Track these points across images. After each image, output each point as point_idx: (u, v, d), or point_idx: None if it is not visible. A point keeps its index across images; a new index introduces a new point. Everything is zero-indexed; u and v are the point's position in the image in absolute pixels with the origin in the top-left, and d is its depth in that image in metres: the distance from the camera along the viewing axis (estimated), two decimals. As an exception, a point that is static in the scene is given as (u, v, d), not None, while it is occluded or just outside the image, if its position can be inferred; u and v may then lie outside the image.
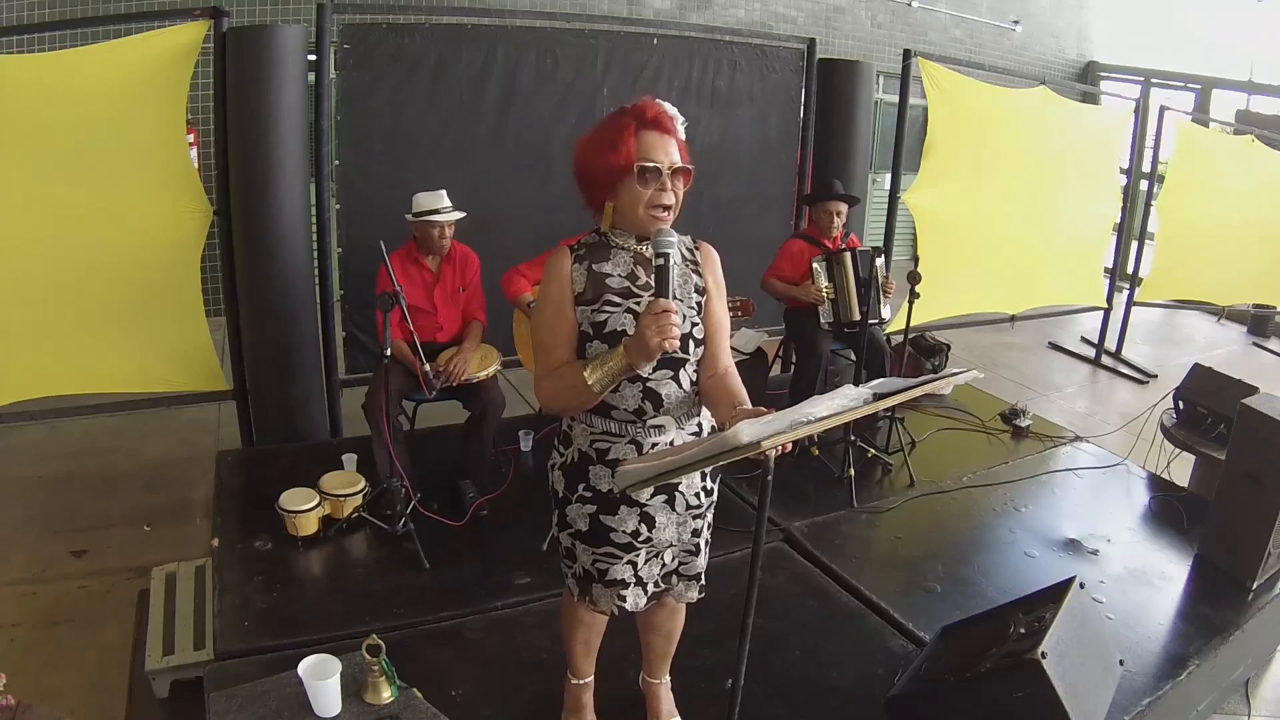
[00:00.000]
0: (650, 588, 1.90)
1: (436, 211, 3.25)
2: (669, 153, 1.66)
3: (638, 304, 1.70)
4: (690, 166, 1.69)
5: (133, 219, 3.45)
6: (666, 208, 1.66)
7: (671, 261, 1.58)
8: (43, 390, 3.58)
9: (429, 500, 3.17)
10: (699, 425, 1.81)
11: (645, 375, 1.69)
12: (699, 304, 1.77)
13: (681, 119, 1.73)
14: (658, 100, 1.71)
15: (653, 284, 1.68)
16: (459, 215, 3.31)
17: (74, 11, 5.56)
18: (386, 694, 1.85)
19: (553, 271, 1.75)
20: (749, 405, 1.63)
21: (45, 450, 4.18)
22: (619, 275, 1.73)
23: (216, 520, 3.05)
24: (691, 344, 1.73)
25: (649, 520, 1.79)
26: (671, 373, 1.72)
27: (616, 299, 1.71)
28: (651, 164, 1.64)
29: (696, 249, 1.83)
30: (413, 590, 2.73)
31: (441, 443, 3.59)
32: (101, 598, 3.07)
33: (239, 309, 3.78)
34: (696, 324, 1.75)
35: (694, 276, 1.78)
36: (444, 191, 3.31)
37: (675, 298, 1.70)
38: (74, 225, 3.37)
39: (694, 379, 1.76)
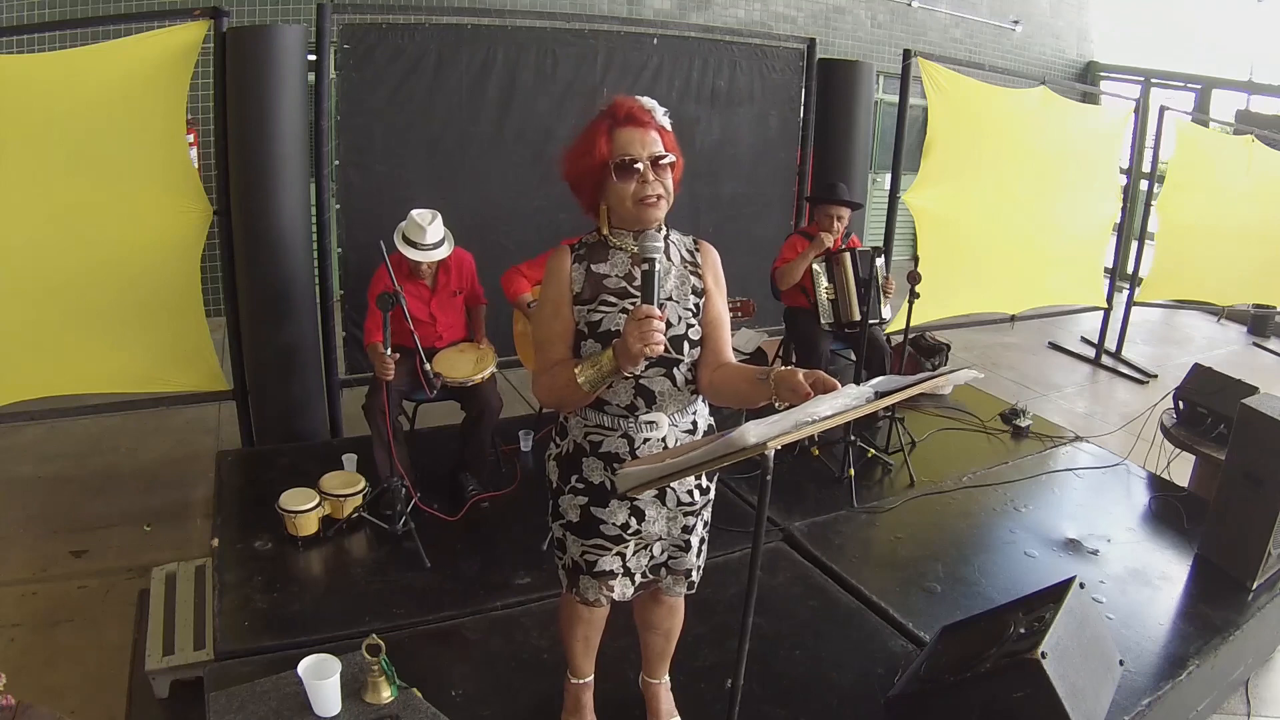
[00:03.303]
0: (638, 578, 1.91)
1: (416, 247, 3.17)
2: (646, 145, 1.66)
3: (633, 304, 1.70)
4: (672, 156, 1.68)
5: (133, 219, 3.46)
6: (657, 197, 1.67)
7: (657, 267, 1.58)
8: (43, 390, 3.58)
9: (429, 499, 3.17)
10: (693, 423, 1.82)
11: (638, 372, 1.69)
12: (696, 305, 1.77)
13: (662, 110, 1.73)
14: (634, 96, 1.72)
15: (673, 298, 1.71)
16: (439, 256, 3.22)
17: (74, 11, 5.56)
18: (386, 694, 1.85)
19: (553, 270, 1.76)
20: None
21: (45, 450, 4.18)
22: (616, 276, 1.74)
23: (216, 520, 3.05)
24: (686, 345, 1.74)
25: (638, 514, 1.81)
26: (665, 370, 1.72)
27: (612, 299, 1.72)
28: (627, 158, 1.65)
29: (697, 249, 1.83)
30: (413, 590, 2.73)
31: (441, 442, 3.58)
32: (101, 598, 3.06)
33: (239, 309, 3.78)
34: (692, 325, 1.75)
35: (692, 278, 1.78)
36: (438, 220, 3.20)
37: (671, 299, 1.72)
38: (74, 225, 3.37)
39: (689, 377, 1.76)
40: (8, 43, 4.21)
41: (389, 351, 2.89)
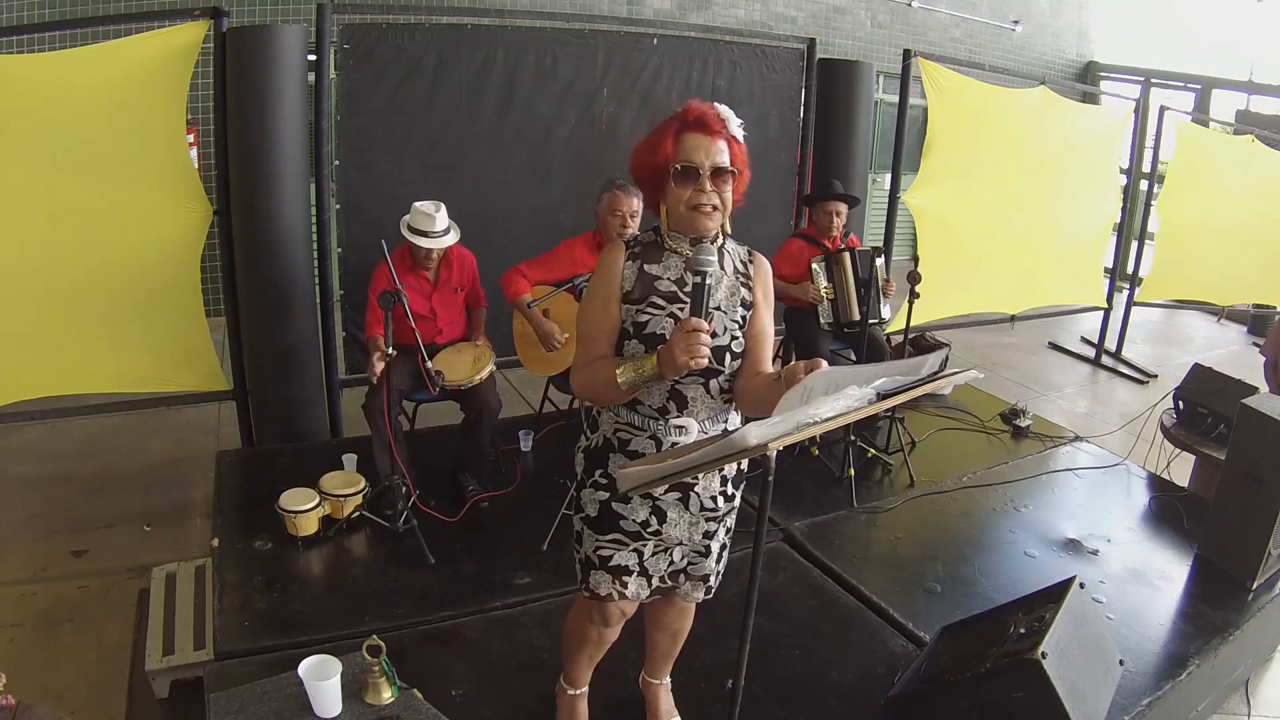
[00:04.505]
0: (655, 581, 1.89)
1: (426, 234, 3.20)
2: (710, 154, 1.65)
3: (682, 309, 1.70)
4: (735, 169, 1.68)
5: (133, 219, 3.46)
6: (712, 207, 1.66)
7: (708, 280, 1.57)
8: (43, 390, 3.58)
9: (428, 499, 3.17)
10: (724, 431, 1.79)
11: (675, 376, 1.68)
12: (743, 318, 1.76)
13: (737, 121, 1.71)
14: (713, 103, 1.70)
15: (722, 309, 1.71)
16: (449, 242, 3.25)
17: (74, 11, 5.56)
18: (387, 694, 1.85)
19: (606, 266, 1.75)
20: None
21: (45, 450, 4.18)
22: (668, 279, 1.72)
23: (216, 520, 3.05)
24: (728, 357, 1.72)
25: (660, 514, 1.80)
26: (702, 379, 1.71)
27: (661, 302, 1.71)
28: (687, 164, 1.65)
29: (750, 261, 1.82)
30: (413, 590, 2.73)
31: (441, 442, 3.59)
32: (101, 598, 3.06)
33: (239, 309, 3.78)
34: (737, 337, 1.74)
35: (743, 290, 1.77)
36: (443, 210, 3.23)
37: (719, 309, 1.72)
38: (74, 225, 3.37)
39: (725, 386, 1.75)
40: (8, 43, 4.20)
41: (390, 350, 2.89)
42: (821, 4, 8.58)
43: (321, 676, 1.78)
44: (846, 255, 3.90)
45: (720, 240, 1.76)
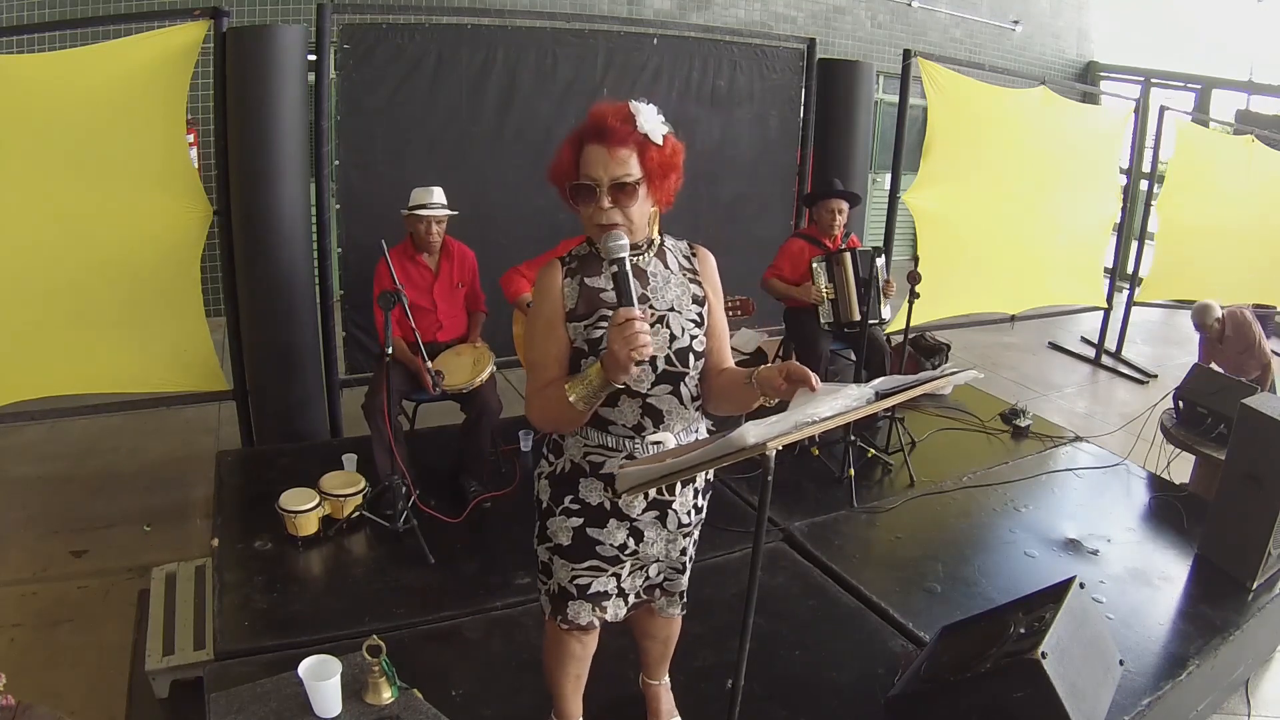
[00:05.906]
0: (631, 598, 1.87)
1: (424, 206, 3.27)
2: (610, 168, 1.53)
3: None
4: (637, 180, 1.55)
5: (133, 219, 3.46)
6: (614, 225, 1.56)
7: (626, 267, 1.48)
8: (43, 390, 3.58)
9: (428, 499, 3.18)
10: (696, 442, 1.74)
11: (645, 390, 1.63)
12: (700, 315, 1.69)
13: (657, 118, 1.57)
14: (626, 102, 1.57)
15: (648, 296, 1.64)
16: (447, 212, 3.32)
17: (74, 11, 5.56)
18: (387, 694, 1.85)
19: (544, 287, 1.66)
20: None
21: (45, 450, 4.18)
22: (611, 290, 1.63)
23: (216, 520, 3.05)
24: (691, 357, 1.66)
25: (638, 534, 1.75)
26: (671, 387, 1.65)
27: (610, 314, 1.60)
28: (582, 183, 1.57)
29: (694, 255, 1.74)
30: (413, 590, 2.73)
31: (441, 442, 3.59)
32: (101, 598, 3.06)
33: (239, 309, 3.78)
34: (696, 336, 1.67)
35: (692, 286, 1.70)
36: (439, 188, 3.33)
37: (673, 310, 1.66)
38: (74, 225, 3.37)
39: (695, 392, 1.70)
40: (8, 43, 4.20)
41: (389, 351, 2.90)
42: (821, 4, 8.58)
43: (321, 676, 1.78)
44: (847, 255, 3.90)
45: (658, 240, 1.70)
